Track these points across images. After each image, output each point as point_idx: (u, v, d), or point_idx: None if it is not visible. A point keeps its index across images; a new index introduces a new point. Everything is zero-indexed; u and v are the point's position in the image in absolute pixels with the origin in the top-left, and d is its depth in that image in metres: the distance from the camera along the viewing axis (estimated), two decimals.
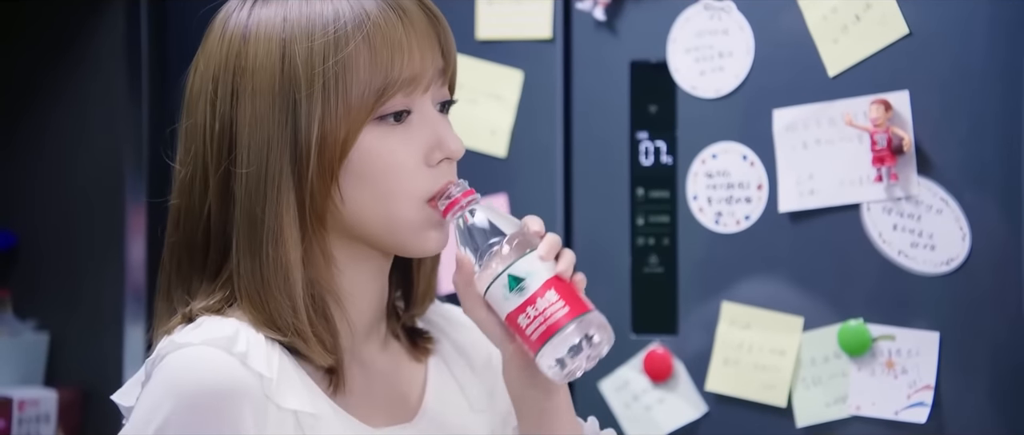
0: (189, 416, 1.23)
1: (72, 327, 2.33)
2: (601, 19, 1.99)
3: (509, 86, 2.03)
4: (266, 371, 1.26)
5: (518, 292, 1.27)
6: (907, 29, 1.80)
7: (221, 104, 1.30)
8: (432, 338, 1.46)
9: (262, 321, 1.29)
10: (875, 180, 1.82)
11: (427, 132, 1.32)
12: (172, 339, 1.28)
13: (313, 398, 1.30)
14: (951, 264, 1.79)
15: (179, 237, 1.34)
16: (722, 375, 1.93)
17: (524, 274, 1.28)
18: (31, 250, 2.37)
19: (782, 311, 1.89)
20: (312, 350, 1.30)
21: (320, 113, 1.28)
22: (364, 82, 1.28)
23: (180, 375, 1.25)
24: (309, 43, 1.28)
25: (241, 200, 1.29)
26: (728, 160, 1.93)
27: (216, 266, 1.33)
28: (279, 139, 1.28)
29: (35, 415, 2.24)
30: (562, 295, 1.27)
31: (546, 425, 1.34)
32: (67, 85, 2.33)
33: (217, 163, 1.31)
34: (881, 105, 1.79)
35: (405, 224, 1.32)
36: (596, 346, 1.27)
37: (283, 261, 1.28)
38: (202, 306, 1.31)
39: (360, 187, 1.30)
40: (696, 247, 1.95)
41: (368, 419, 1.35)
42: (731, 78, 1.92)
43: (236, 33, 1.31)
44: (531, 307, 1.27)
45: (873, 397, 1.83)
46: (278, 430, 1.26)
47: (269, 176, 1.28)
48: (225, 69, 1.31)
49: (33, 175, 2.37)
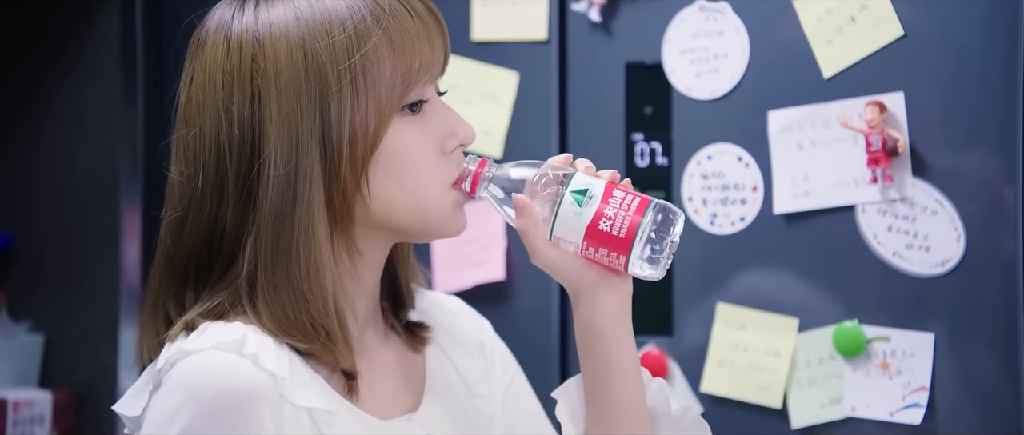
0: (208, 419, 1.23)
1: (67, 328, 2.33)
2: (596, 20, 1.99)
3: (504, 87, 2.03)
4: (279, 371, 1.26)
5: (588, 202, 1.31)
6: (902, 30, 1.80)
7: (239, 109, 1.30)
8: (428, 327, 1.47)
9: (282, 327, 1.29)
10: (870, 182, 1.82)
11: (441, 121, 1.35)
12: (180, 347, 1.27)
13: (326, 395, 1.31)
14: (946, 266, 1.80)
15: (181, 248, 1.33)
16: (717, 376, 1.93)
17: (586, 185, 1.31)
18: (27, 251, 2.37)
19: (777, 312, 1.89)
20: (339, 351, 1.30)
21: (350, 109, 1.29)
22: (389, 74, 1.30)
23: (196, 381, 1.24)
24: (330, 39, 1.29)
25: (268, 203, 1.29)
26: (723, 161, 1.93)
27: (218, 277, 1.32)
28: (309, 138, 1.29)
29: (29, 417, 2.24)
30: (627, 191, 1.32)
31: (614, 375, 1.35)
32: (63, 86, 2.33)
33: (238, 168, 1.30)
34: (876, 107, 1.79)
35: (437, 211, 1.34)
36: (675, 223, 1.31)
37: (315, 260, 1.29)
38: (202, 311, 1.31)
39: (388, 179, 1.31)
40: (691, 248, 1.95)
41: (376, 411, 1.36)
42: (726, 80, 1.92)
43: (245, 38, 1.31)
44: (607, 208, 1.30)
45: (868, 398, 1.83)
46: (295, 428, 1.27)
47: (300, 176, 1.29)
48: (239, 74, 1.30)
49: (29, 176, 2.36)
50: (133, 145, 2.26)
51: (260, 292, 1.29)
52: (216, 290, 1.32)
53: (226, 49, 1.31)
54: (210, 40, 1.33)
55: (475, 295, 1.89)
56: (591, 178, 1.32)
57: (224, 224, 1.31)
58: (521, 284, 2.03)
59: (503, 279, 2.04)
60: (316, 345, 1.30)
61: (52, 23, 2.33)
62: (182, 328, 1.31)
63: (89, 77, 2.30)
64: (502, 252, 2.03)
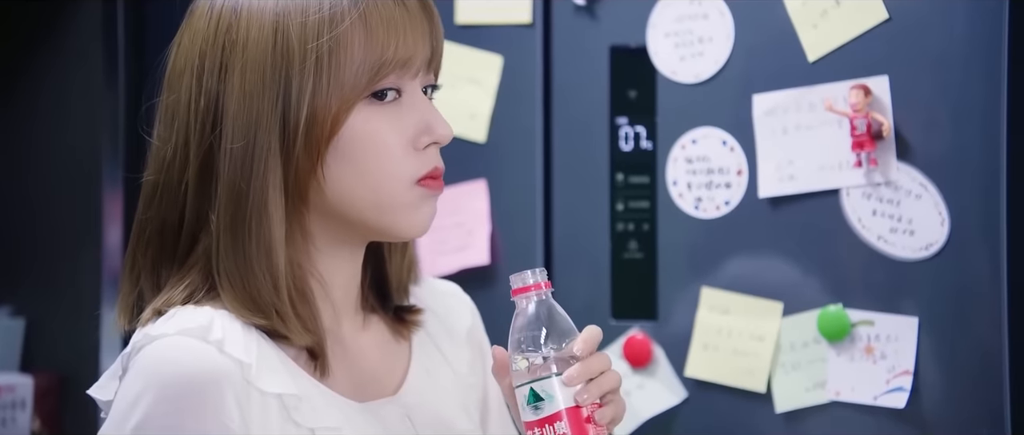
0: (169, 406, 1.23)
1: (49, 312, 2.32)
2: (581, 4, 1.98)
3: (488, 71, 2.03)
4: (244, 357, 1.26)
5: (534, 408, 1.29)
6: (886, 14, 1.80)
7: (207, 79, 1.29)
8: (419, 311, 1.46)
9: (241, 303, 1.28)
10: (855, 165, 1.81)
11: (416, 115, 1.32)
12: (146, 332, 1.27)
13: (295, 379, 1.30)
14: (930, 249, 1.80)
15: (152, 214, 1.33)
16: (701, 360, 1.93)
17: (543, 394, 1.29)
18: (7, 235, 2.36)
19: (761, 296, 1.89)
20: (291, 330, 1.29)
21: (311, 89, 1.27)
22: (358, 60, 1.28)
23: (158, 366, 1.24)
24: (303, 19, 1.28)
25: (225, 176, 1.28)
26: (708, 145, 1.93)
27: (187, 248, 1.32)
28: (268, 115, 1.28)
29: (11, 401, 2.23)
30: (572, 428, 1.28)
31: None
32: (44, 70, 2.31)
33: (200, 138, 1.30)
34: (861, 90, 1.79)
35: (395, 206, 1.31)
36: None
37: (266, 238, 1.28)
38: (171, 297, 1.30)
39: (345, 166, 1.30)
40: (676, 232, 1.95)
41: (353, 395, 1.35)
42: (711, 63, 1.92)
43: (227, 8, 1.30)
44: (539, 429, 1.29)
45: (852, 382, 1.83)
46: (263, 415, 1.26)
47: (257, 152, 1.28)
48: (214, 44, 1.30)
49: (9, 161, 2.35)
50: (114, 129, 2.25)
51: (220, 265, 1.29)
52: (187, 265, 1.31)
53: (209, 19, 1.31)
54: (199, 8, 1.33)
55: (459, 279, 1.88)
56: (557, 392, 1.28)
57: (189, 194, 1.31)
58: (506, 269, 2.02)
59: (487, 263, 2.03)
60: (273, 321, 1.29)
61: (33, 7, 2.31)
62: (152, 314, 1.30)
63: (71, 61, 2.29)
64: (486, 236, 2.03)
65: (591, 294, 1.99)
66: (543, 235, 2.02)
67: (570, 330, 1.31)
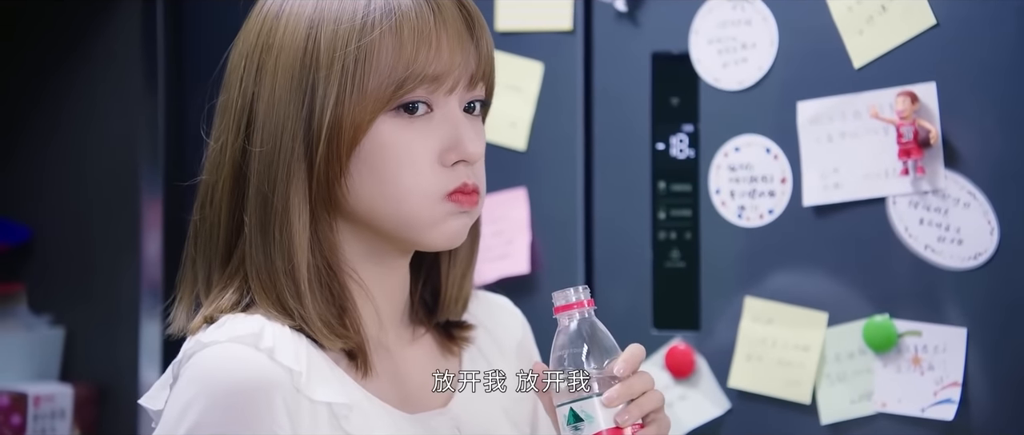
0: (221, 413, 1.22)
1: (87, 322, 2.32)
2: (622, 10, 1.97)
3: (529, 78, 2.01)
4: (295, 365, 1.25)
5: (574, 429, 1.28)
6: (934, 20, 1.78)
7: (246, 81, 1.31)
8: (470, 327, 1.45)
9: (272, 304, 1.29)
10: (901, 173, 1.79)
11: (446, 131, 1.31)
12: (197, 339, 1.27)
13: (345, 388, 1.29)
14: (979, 259, 1.77)
15: (202, 215, 1.34)
16: (745, 371, 1.91)
17: (583, 415, 1.27)
18: (46, 244, 2.36)
19: (806, 306, 1.87)
20: (317, 333, 1.29)
21: (335, 97, 1.27)
22: (385, 72, 1.28)
23: (209, 373, 1.24)
24: (335, 26, 1.28)
25: (254, 179, 1.29)
26: (751, 153, 1.91)
27: (229, 248, 1.32)
28: (294, 119, 1.28)
29: (50, 411, 2.23)
30: None
31: None
32: (82, 78, 2.32)
33: (234, 139, 1.31)
34: (907, 97, 1.77)
35: (417, 220, 1.31)
36: None
37: (288, 244, 1.28)
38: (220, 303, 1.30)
39: (368, 177, 1.29)
40: (719, 241, 1.93)
41: (403, 406, 1.34)
42: (754, 70, 1.90)
43: (271, 12, 1.32)
44: None
45: (899, 394, 1.81)
46: (313, 423, 1.26)
47: (281, 157, 1.28)
48: (255, 46, 1.31)
49: (47, 169, 2.36)
50: (153, 137, 2.25)
51: (251, 268, 1.30)
52: (231, 267, 1.32)
53: (259, 22, 1.32)
54: (256, 10, 1.34)
55: (499, 288, 1.87)
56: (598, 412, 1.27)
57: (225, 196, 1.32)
58: (546, 277, 2.02)
59: (527, 272, 2.02)
60: (299, 323, 1.28)
61: (71, 15, 2.32)
62: (203, 321, 1.31)
63: (108, 68, 2.29)
64: (526, 245, 2.01)
65: (632, 304, 1.97)
66: (584, 244, 2.00)
67: (612, 348, 1.29)
